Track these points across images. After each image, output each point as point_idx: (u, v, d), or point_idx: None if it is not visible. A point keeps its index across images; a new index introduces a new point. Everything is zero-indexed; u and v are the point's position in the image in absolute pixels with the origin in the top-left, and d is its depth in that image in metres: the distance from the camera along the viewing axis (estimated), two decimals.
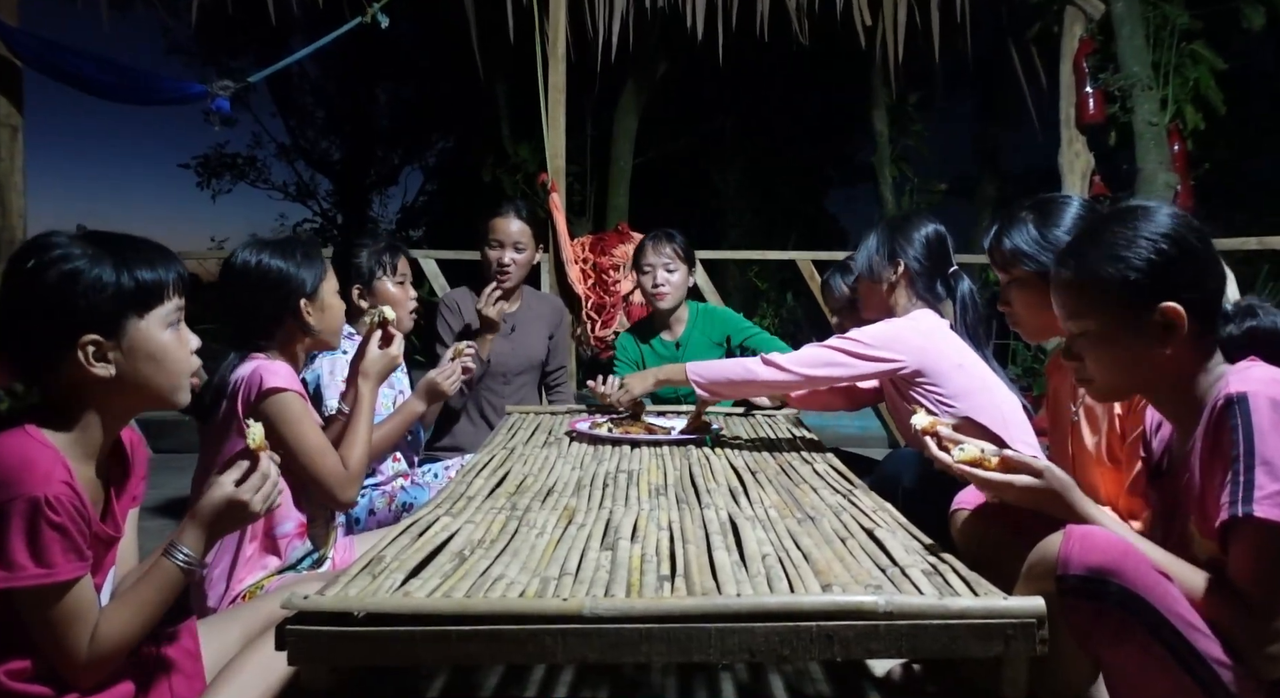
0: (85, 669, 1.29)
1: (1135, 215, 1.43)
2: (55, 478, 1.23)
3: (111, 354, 1.32)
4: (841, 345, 2.38)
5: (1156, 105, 5.08)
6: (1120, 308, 1.41)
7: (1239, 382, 1.31)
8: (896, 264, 2.49)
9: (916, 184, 9.23)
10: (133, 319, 1.34)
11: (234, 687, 1.39)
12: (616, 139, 9.29)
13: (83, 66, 4.61)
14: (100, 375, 1.31)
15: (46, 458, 1.24)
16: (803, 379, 2.39)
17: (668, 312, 3.35)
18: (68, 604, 1.25)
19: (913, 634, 1.16)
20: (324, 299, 2.08)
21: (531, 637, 1.16)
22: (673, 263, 3.29)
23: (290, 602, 1.17)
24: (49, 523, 1.21)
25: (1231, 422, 1.28)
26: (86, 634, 1.28)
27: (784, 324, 8.60)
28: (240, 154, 15.19)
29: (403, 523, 1.60)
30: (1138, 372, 1.44)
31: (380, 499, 2.51)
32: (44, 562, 1.22)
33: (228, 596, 1.87)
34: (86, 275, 1.30)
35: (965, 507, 1.85)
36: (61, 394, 1.33)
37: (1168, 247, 1.38)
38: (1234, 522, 1.26)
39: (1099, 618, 1.30)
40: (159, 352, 1.37)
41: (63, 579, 1.24)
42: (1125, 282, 1.39)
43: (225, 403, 1.91)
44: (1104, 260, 1.42)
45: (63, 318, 1.30)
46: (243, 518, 1.42)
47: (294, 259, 2.03)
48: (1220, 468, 1.30)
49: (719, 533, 1.53)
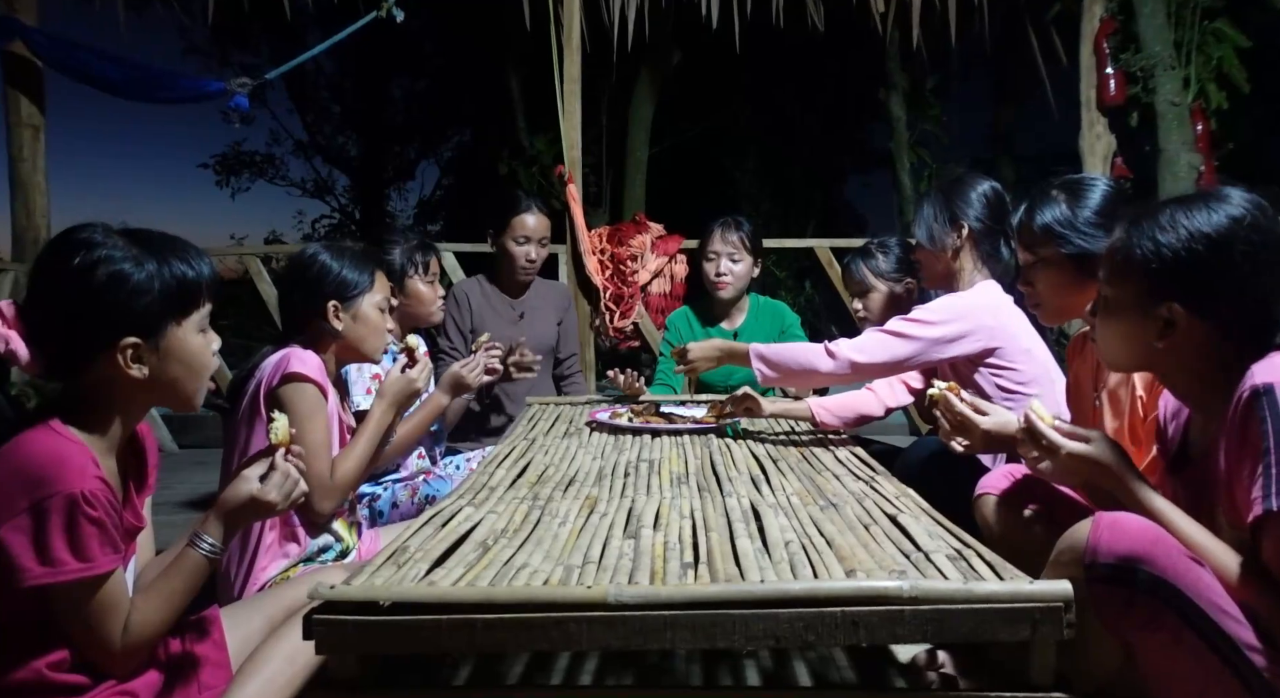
0: (121, 659, 1.32)
1: (1199, 204, 1.38)
2: (89, 474, 1.25)
3: (147, 357, 1.34)
4: (906, 328, 2.28)
5: (1179, 85, 5.00)
6: (1134, 289, 1.41)
7: (1265, 372, 1.28)
8: (960, 227, 2.38)
9: (934, 169, 9.15)
10: (172, 324, 1.36)
11: (261, 676, 1.40)
12: (632, 129, 9.25)
13: (102, 66, 4.65)
14: (135, 377, 1.33)
15: (78, 454, 1.26)
16: (871, 367, 2.30)
17: (729, 301, 3.34)
18: (105, 596, 1.27)
19: (938, 619, 1.16)
20: (361, 309, 2.09)
21: (556, 625, 1.16)
22: (738, 252, 3.29)
23: (317, 591, 1.18)
24: (87, 518, 1.23)
25: (1259, 414, 1.26)
26: (120, 625, 1.30)
27: (802, 312, 8.57)
28: (258, 152, 15.26)
29: (426, 514, 1.61)
30: (1135, 352, 1.45)
31: (403, 492, 2.52)
32: (84, 556, 1.23)
33: (251, 585, 1.89)
34: (133, 278, 1.31)
35: (990, 491, 1.84)
36: (88, 390, 1.34)
37: (1202, 248, 1.34)
38: (1268, 516, 1.23)
39: (1129, 605, 1.28)
40: (191, 356, 1.39)
41: (102, 571, 1.26)
42: (1147, 267, 1.39)
43: (250, 390, 1.92)
44: (1142, 239, 1.39)
45: (108, 319, 1.31)
46: (265, 513, 1.45)
47: (341, 260, 2.08)
48: (1250, 460, 1.27)
49: (741, 521, 1.53)
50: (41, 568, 1.22)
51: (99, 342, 1.31)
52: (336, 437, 2.03)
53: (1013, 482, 1.80)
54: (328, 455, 1.96)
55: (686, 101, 10.41)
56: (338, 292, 2.05)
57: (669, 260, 4.76)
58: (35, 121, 4.80)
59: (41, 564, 1.22)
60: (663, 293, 4.74)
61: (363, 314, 2.09)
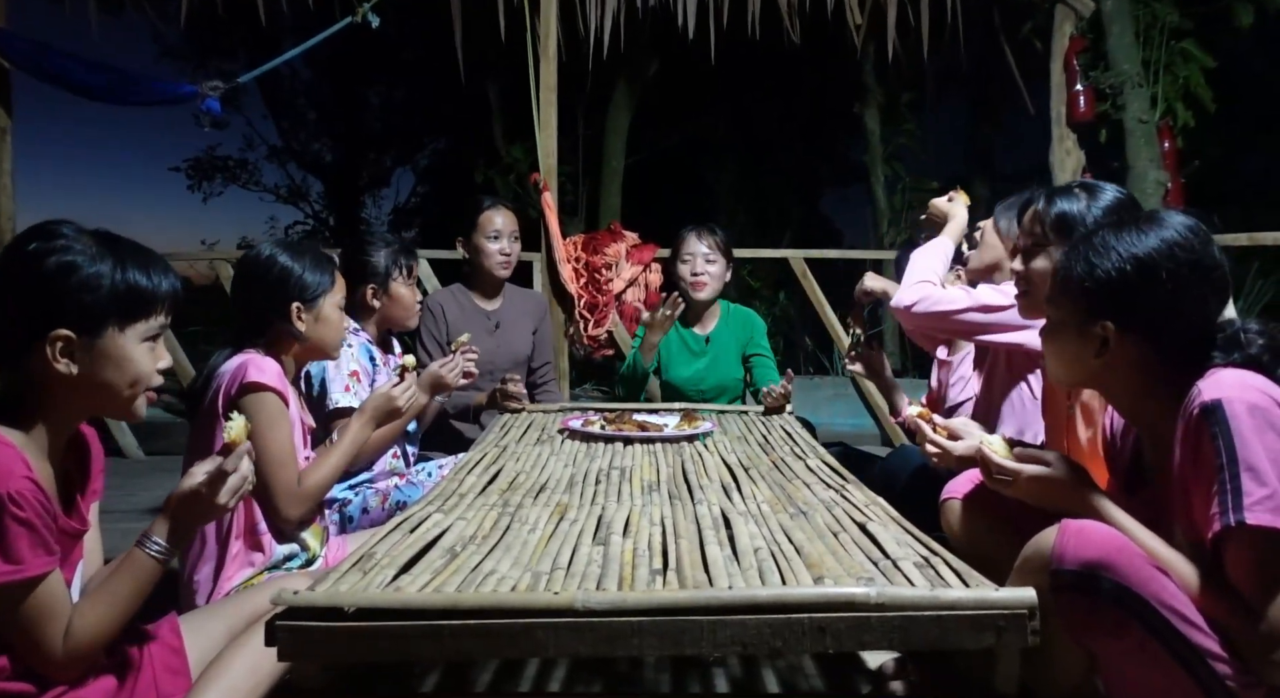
0: (62, 666, 1.29)
1: (1133, 227, 1.43)
2: (17, 474, 1.22)
3: (78, 354, 1.31)
4: (982, 295, 2.21)
5: (1147, 103, 5.09)
6: (1071, 308, 1.46)
7: (1211, 389, 1.31)
8: None
9: (909, 183, 9.24)
10: (113, 327, 1.33)
11: (223, 684, 1.38)
12: (608, 138, 9.28)
13: (72, 68, 4.60)
14: (62, 373, 1.30)
15: (5, 455, 1.23)
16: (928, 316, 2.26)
17: (703, 304, 3.36)
18: (39, 600, 1.24)
19: (904, 626, 1.16)
20: (322, 310, 2.07)
21: (524, 631, 1.15)
22: (713, 254, 3.32)
23: (280, 597, 1.17)
24: (14, 519, 1.20)
25: (1211, 430, 1.28)
26: (60, 630, 1.27)
27: (777, 323, 8.60)
28: (231, 157, 15.12)
29: (394, 520, 1.60)
30: (1076, 369, 1.50)
31: (374, 498, 2.50)
32: (11, 558, 1.20)
33: (217, 593, 1.86)
34: (82, 272, 1.30)
35: (955, 496, 1.86)
36: (22, 387, 1.32)
37: (1131, 270, 1.39)
38: (1227, 531, 1.26)
39: (1093, 613, 1.30)
40: (126, 363, 1.35)
41: (32, 575, 1.23)
42: (1083, 288, 1.44)
43: (209, 396, 1.90)
44: (1080, 259, 1.45)
45: (42, 307, 1.29)
46: (210, 511, 1.41)
47: (301, 261, 2.05)
48: (1204, 477, 1.30)
49: (711, 528, 1.52)
50: None
51: (33, 329, 1.29)
52: (300, 440, 2.01)
53: (976, 486, 1.82)
54: (293, 463, 1.94)
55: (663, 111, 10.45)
56: (300, 294, 2.03)
57: (644, 269, 4.78)
58: (2, 123, 4.74)
59: None
60: (637, 302, 4.74)
61: (324, 315, 2.08)
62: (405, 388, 2.25)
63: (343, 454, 2.11)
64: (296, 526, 1.97)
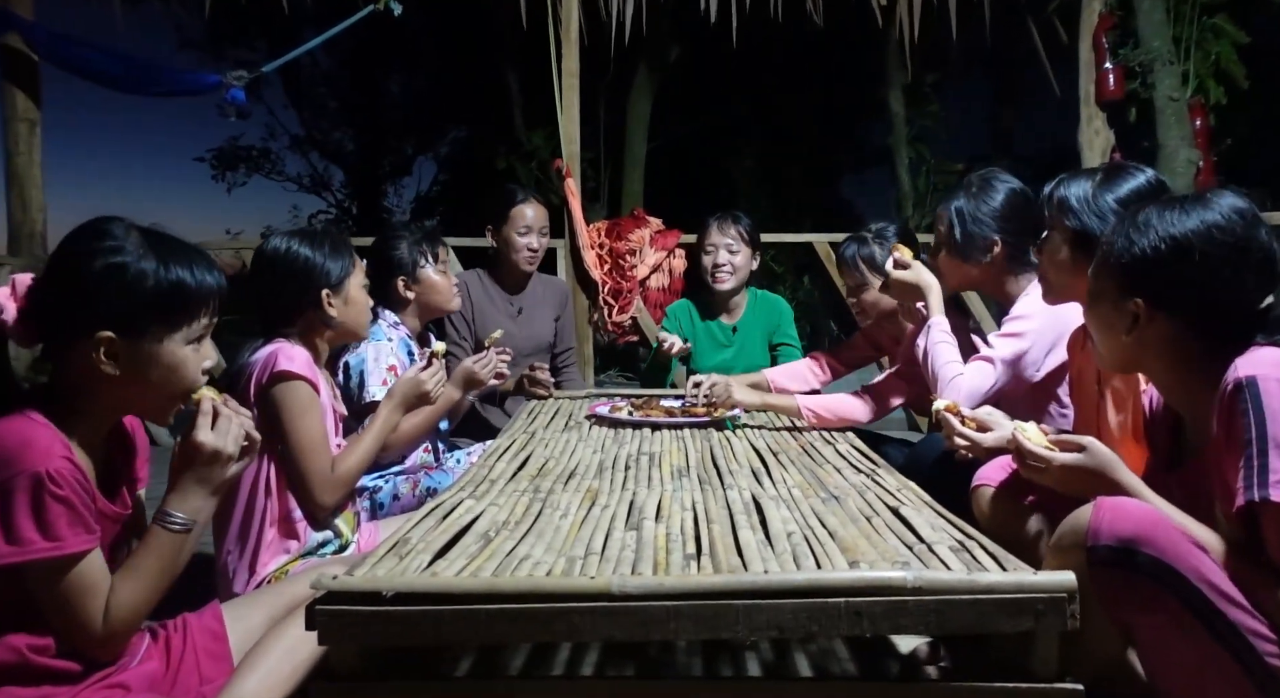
0: (102, 642, 1.31)
1: (1177, 207, 1.42)
2: (55, 453, 1.24)
3: (121, 355, 1.32)
4: (1001, 353, 2.14)
5: (1177, 80, 5.00)
6: (1108, 283, 1.47)
7: (1248, 366, 1.30)
8: (992, 245, 2.25)
9: (932, 165, 9.15)
10: (157, 331, 1.34)
11: (262, 668, 1.40)
12: (630, 124, 9.25)
13: (98, 60, 4.64)
14: (105, 373, 1.31)
15: (45, 436, 1.25)
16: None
17: (727, 294, 3.34)
18: (79, 577, 1.26)
19: (941, 610, 1.16)
20: (349, 292, 2.09)
21: (559, 615, 1.16)
22: (736, 244, 3.29)
23: (319, 582, 1.18)
24: (53, 496, 1.22)
25: (1242, 406, 1.27)
26: (100, 607, 1.29)
27: (800, 307, 8.57)
28: (254, 147, 15.22)
29: (426, 507, 1.61)
30: (1113, 344, 1.50)
31: (405, 485, 2.52)
32: (51, 535, 1.22)
33: (252, 581, 1.88)
34: (128, 273, 1.31)
35: (987, 483, 1.84)
36: (65, 383, 1.34)
37: (1166, 249, 1.38)
38: (1250, 507, 1.25)
39: (1129, 589, 1.29)
40: (168, 368, 1.36)
41: (71, 551, 1.25)
42: (1119, 263, 1.44)
43: (240, 385, 1.92)
44: (1120, 234, 1.45)
45: (89, 307, 1.30)
46: (218, 462, 1.38)
47: (321, 249, 2.06)
48: (1235, 452, 1.29)
49: (743, 513, 1.52)
50: (8, 547, 1.21)
51: (78, 327, 1.30)
52: (331, 427, 2.03)
53: (1009, 473, 1.80)
54: (326, 450, 1.95)
55: (685, 97, 10.40)
56: (327, 280, 2.05)
57: (667, 255, 4.76)
58: (31, 116, 4.78)
59: (8, 543, 1.21)
60: (661, 287, 4.74)
61: (351, 297, 2.10)
62: (434, 373, 2.25)
63: (374, 438, 2.12)
64: (331, 512, 1.99)
